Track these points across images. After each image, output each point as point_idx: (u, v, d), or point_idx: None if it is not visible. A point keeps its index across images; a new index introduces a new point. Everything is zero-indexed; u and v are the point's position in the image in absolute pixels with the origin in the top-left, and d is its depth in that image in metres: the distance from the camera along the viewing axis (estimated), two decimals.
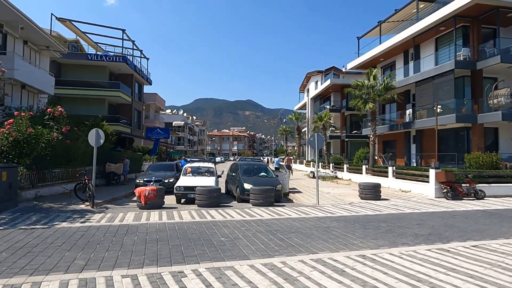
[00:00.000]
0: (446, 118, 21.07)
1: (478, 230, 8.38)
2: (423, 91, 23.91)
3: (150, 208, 11.01)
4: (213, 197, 11.84)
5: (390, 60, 29.86)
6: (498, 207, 12.37)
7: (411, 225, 8.87)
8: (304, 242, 6.94)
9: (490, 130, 21.76)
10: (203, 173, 14.57)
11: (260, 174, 14.89)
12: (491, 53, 20.54)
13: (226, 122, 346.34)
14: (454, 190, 14.19)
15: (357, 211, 11.15)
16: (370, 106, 24.47)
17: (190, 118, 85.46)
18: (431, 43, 24.68)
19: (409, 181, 17.10)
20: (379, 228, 8.39)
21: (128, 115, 34.21)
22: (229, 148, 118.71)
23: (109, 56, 30.41)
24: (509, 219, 9.94)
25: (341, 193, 16.44)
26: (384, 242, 7.00)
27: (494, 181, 15.92)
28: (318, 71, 46.83)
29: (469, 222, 9.41)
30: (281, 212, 10.64)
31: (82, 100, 30.69)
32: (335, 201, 13.73)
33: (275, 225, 8.68)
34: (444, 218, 9.92)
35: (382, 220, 9.46)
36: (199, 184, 12.86)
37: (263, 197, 12.13)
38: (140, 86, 37.43)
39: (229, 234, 7.52)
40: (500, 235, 7.80)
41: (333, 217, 9.99)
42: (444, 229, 8.42)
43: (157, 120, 46.09)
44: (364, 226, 8.60)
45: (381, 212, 10.99)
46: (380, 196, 14.14)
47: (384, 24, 29.14)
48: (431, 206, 12.43)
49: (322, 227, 8.51)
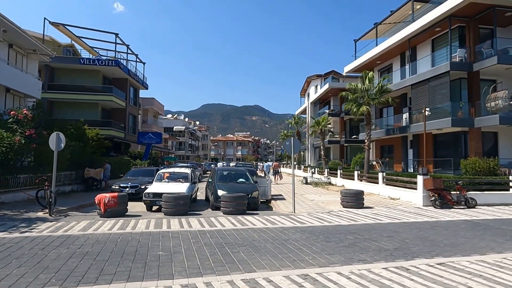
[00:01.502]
0: (442, 122, 20.20)
1: (453, 244, 7.56)
2: (419, 94, 23.04)
3: (110, 216, 10.40)
4: (180, 204, 11.18)
5: (387, 62, 29.05)
6: (488, 217, 11.47)
7: (381, 237, 8.08)
8: (249, 257, 6.23)
9: (489, 135, 20.79)
10: (177, 179, 13.93)
11: (238, 181, 14.20)
12: (488, 54, 19.65)
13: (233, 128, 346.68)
14: (443, 198, 13.30)
15: (331, 220, 10.38)
16: (364, 110, 23.66)
17: (192, 123, 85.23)
18: (428, 44, 23.85)
19: (398, 188, 16.23)
20: (343, 241, 7.62)
21: (122, 120, 33.87)
22: (233, 153, 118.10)
23: (101, 60, 30.16)
24: (494, 231, 9.08)
25: (326, 200, 15.65)
26: (339, 258, 6.25)
27: (487, 188, 14.96)
28: (318, 75, 46.12)
29: (448, 234, 8.58)
30: (247, 222, 9.93)
31: (75, 105, 30.49)
32: (314, 209, 12.95)
33: (231, 236, 7.98)
34: (421, 230, 9.10)
35: (351, 232, 8.69)
36: (168, 190, 12.23)
37: (233, 204, 11.43)
38: (135, 90, 37.14)
39: (171, 248, 6.85)
40: (475, 251, 6.99)
41: (300, 227, 9.24)
42: (415, 242, 7.62)
43: (154, 125, 45.79)
44: (327, 239, 7.85)
45: (356, 222, 10.20)
46: (363, 204, 13.32)
47: (381, 26, 28.41)
48: (415, 215, 11.59)
49: (281, 239, 7.77)
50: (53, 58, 29.58)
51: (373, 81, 24.59)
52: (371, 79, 24.09)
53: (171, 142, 63.40)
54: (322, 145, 37.95)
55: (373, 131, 28.75)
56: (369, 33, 29.90)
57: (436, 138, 23.22)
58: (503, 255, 6.63)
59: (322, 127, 37.35)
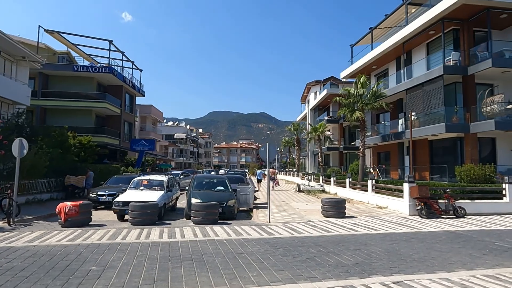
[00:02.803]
0: (436, 127, 19.49)
1: (422, 258, 6.91)
2: (414, 99, 22.37)
3: (71, 226, 9.95)
4: (146, 214, 10.68)
5: (383, 68, 28.48)
6: (474, 227, 10.74)
7: (346, 250, 7.46)
8: (186, 274, 5.67)
9: (486, 141, 19.99)
10: (152, 187, 13.44)
11: (215, 189, 13.67)
12: (483, 57, 18.96)
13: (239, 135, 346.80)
14: (430, 207, 12.58)
15: (303, 231, 9.77)
16: (358, 115, 23.03)
17: (194, 130, 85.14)
18: (423, 48, 23.25)
19: (386, 196, 15.51)
20: (302, 255, 7.03)
21: (117, 127, 33.68)
22: (237, 160, 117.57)
23: (95, 67, 30.08)
24: (475, 243, 8.39)
25: (310, 209, 15.00)
26: (285, 275, 5.66)
27: (479, 196, 14.17)
28: (317, 81, 45.63)
29: (421, 247, 7.92)
30: (212, 233, 9.37)
31: (69, 112, 30.39)
32: (292, 219, 12.34)
33: (184, 249, 7.44)
34: (395, 242, 8.44)
35: (317, 244, 8.07)
36: (138, 199, 11.76)
37: (204, 214, 10.88)
38: (131, 97, 37.01)
39: (109, 262, 6.33)
40: (443, 267, 6.33)
41: (265, 239, 8.65)
42: (381, 256, 6.99)
43: (153, 132, 45.61)
44: (286, 252, 7.26)
45: (328, 233, 9.57)
46: (344, 214, 12.67)
47: (376, 30, 27.91)
48: (396, 225, 10.90)
49: (236, 252, 7.21)
50: (46, 65, 29.65)
51: (366, 86, 24.02)
52: (364, 84, 23.50)
53: (171, 149, 63.20)
54: (319, 152, 37.29)
55: (370, 137, 28.09)
56: (365, 38, 29.42)
57: (432, 144, 22.45)
58: (472, 272, 5.98)
59: (320, 133, 36.75)
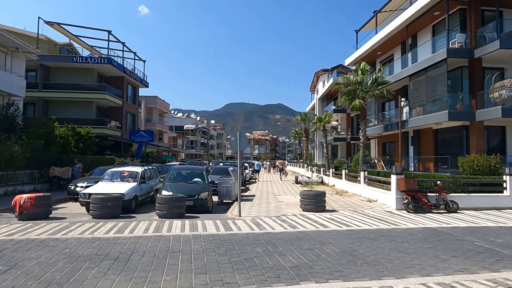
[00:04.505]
0: (439, 115, 18.20)
1: (377, 261, 6.06)
2: (418, 85, 21.00)
3: (26, 219, 9.59)
4: (107, 206, 10.19)
5: (388, 53, 26.98)
6: (462, 224, 9.70)
7: (297, 250, 6.69)
8: (91, 277, 5.09)
9: (495, 129, 18.55)
10: (126, 178, 12.97)
11: (191, 180, 13.07)
12: (491, 39, 17.41)
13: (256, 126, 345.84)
14: (417, 200, 11.57)
15: (267, 227, 9.03)
16: (357, 103, 21.87)
17: (205, 121, 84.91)
18: (428, 31, 21.74)
19: (377, 189, 14.50)
20: (242, 255, 6.31)
21: (119, 118, 33.63)
22: (251, 152, 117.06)
23: (94, 58, 29.94)
24: (451, 243, 7.43)
25: (294, 202, 14.16)
26: (200, 281, 4.97)
27: (476, 190, 12.98)
28: (324, 70, 44.22)
29: (386, 247, 7.05)
30: (166, 228, 8.76)
31: (70, 103, 30.47)
32: (268, 212, 11.62)
33: (119, 246, 6.87)
34: (360, 240, 7.59)
35: (270, 242, 7.34)
36: (106, 191, 11.32)
37: (168, 207, 10.31)
38: (134, 88, 36.85)
39: (22, 260, 5.83)
40: (395, 272, 5.48)
41: (215, 235, 7.98)
42: (330, 258, 6.19)
43: (158, 124, 45.53)
44: (226, 251, 6.57)
45: (294, 229, 8.80)
46: (324, 207, 11.82)
47: (381, 14, 26.43)
48: (375, 221, 9.99)
49: (172, 251, 6.57)
50: (47, 57, 29.78)
51: (367, 73, 22.76)
52: (364, 70, 22.27)
53: (181, 140, 63.24)
54: (324, 143, 36.20)
55: (374, 127, 26.87)
56: (369, 23, 27.96)
57: (437, 134, 21.09)
58: (425, 280, 5.11)
59: (325, 123, 35.61)
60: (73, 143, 25.75)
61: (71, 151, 25.63)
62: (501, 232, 8.68)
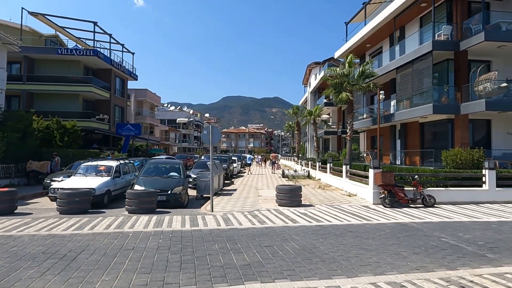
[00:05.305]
0: (424, 108, 18.01)
1: (334, 259, 5.86)
2: (405, 78, 20.78)
3: None
4: (75, 202, 9.95)
5: (377, 46, 26.69)
6: (435, 219, 9.54)
7: (255, 247, 6.48)
8: (24, 277, 4.86)
9: (480, 123, 18.41)
10: (99, 172, 12.69)
11: (167, 175, 12.81)
12: (477, 31, 17.14)
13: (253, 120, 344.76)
14: (394, 195, 11.40)
15: (235, 223, 8.82)
16: (344, 97, 21.60)
17: (199, 115, 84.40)
18: (416, 23, 21.45)
19: (357, 183, 14.33)
20: (196, 253, 6.10)
21: (107, 111, 33.16)
22: (245, 145, 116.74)
23: (79, 50, 29.41)
24: (417, 239, 7.25)
25: (272, 197, 13.93)
26: (140, 281, 4.76)
27: (454, 184, 12.83)
28: (316, 63, 43.83)
29: (348, 243, 6.85)
30: (129, 224, 8.53)
31: (55, 96, 29.91)
32: (242, 207, 11.41)
33: (72, 243, 6.65)
34: (324, 236, 7.39)
35: (230, 239, 7.13)
36: (76, 186, 11.07)
37: (137, 202, 10.08)
38: (123, 81, 36.33)
39: None
40: (349, 271, 5.28)
41: (178, 232, 7.75)
42: (286, 256, 5.98)
43: (149, 117, 45.10)
44: (182, 249, 6.35)
45: (262, 225, 8.59)
46: (299, 202, 11.63)
47: (370, 6, 26.03)
48: (348, 216, 9.81)
49: (125, 248, 6.35)
50: (31, 49, 29.20)
51: (354, 65, 22.48)
52: (351, 63, 21.99)
53: (174, 134, 62.83)
54: (315, 136, 36.03)
55: (362, 120, 26.68)
56: (359, 15, 27.56)
57: (423, 127, 20.92)
58: (376, 279, 4.91)
59: (315, 117, 35.38)
60: (58, 136, 25.37)
61: (56, 145, 25.27)
62: (473, 227, 8.53)
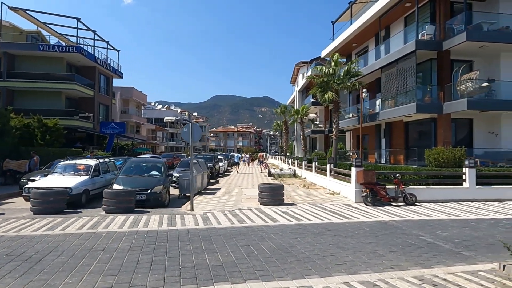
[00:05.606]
0: (408, 107, 18.14)
1: (310, 258, 5.76)
2: (390, 77, 20.91)
3: None
4: (49, 201, 9.64)
5: (363, 45, 26.85)
6: (415, 217, 9.55)
7: (231, 247, 6.35)
8: None
9: (463, 122, 18.64)
10: (77, 171, 12.37)
11: (148, 174, 12.56)
12: (459, 31, 17.33)
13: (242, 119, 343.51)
14: (376, 193, 11.41)
15: (214, 222, 8.67)
16: (329, 95, 21.60)
17: (187, 113, 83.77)
18: (401, 23, 21.63)
19: (340, 181, 14.33)
20: (169, 253, 5.94)
21: (91, 110, 32.54)
22: (234, 144, 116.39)
23: (61, 47, 28.75)
24: (395, 237, 7.22)
25: (255, 195, 13.80)
26: (102, 285, 4.59)
27: (435, 182, 12.93)
28: (304, 62, 43.90)
29: (326, 242, 6.77)
30: (104, 224, 8.30)
31: (37, 93, 29.24)
32: (224, 206, 11.26)
33: (38, 245, 6.41)
34: (302, 235, 7.30)
35: (206, 239, 6.98)
36: (51, 185, 10.75)
37: (114, 202, 9.83)
38: (107, 79, 35.71)
39: None
40: (323, 270, 5.19)
41: (153, 232, 7.57)
42: (262, 255, 5.86)
43: (135, 115, 44.49)
44: (155, 249, 6.18)
45: (241, 224, 8.46)
46: (282, 201, 11.55)
47: (356, 5, 26.11)
48: (330, 215, 9.75)
49: (95, 249, 6.14)
50: (11, 45, 28.48)
51: (340, 64, 22.52)
52: (337, 62, 22.00)
53: (161, 133, 62.15)
54: (302, 135, 36.07)
55: (348, 119, 26.80)
56: (345, 14, 27.64)
57: (408, 126, 21.10)
58: (350, 278, 4.83)
59: (302, 116, 35.42)
60: (39, 135, 24.79)
61: (37, 143, 24.66)
62: (451, 225, 8.56)
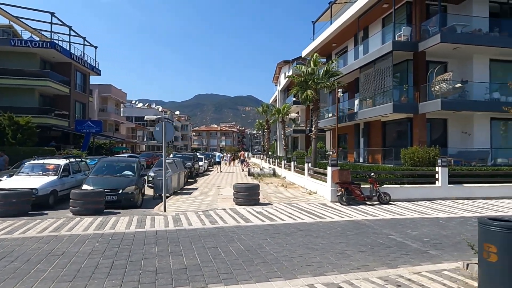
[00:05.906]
0: (384, 107, 18.38)
1: (277, 259, 5.66)
2: (368, 77, 21.14)
3: None
4: (12, 203, 9.19)
5: (343, 45, 27.08)
6: (387, 216, 9.63)
7: (198, 249, 6.18)
8: None
9: (437, 122, 19.02)
10: (46, 171, 11.90)
11: (120, 173, 12.20)
12: (434, 32, 17.65)
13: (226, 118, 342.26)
14: (351, 192, 11.45)
15: (184, 224, 8.47)
16: (308, 94, 21.62)
17: (168, 112, 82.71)
18: (379, 24, 21.87)
19: (317, 181, 14.35)
20: (132, 256, 5.72)
21: (66, 107, 31.57)
22: (217, 143, 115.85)
23: (35, 42, 27.77)
24: (365, 236, 7.21)
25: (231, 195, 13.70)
26: None
27: (409, 181, 13.12)
28: (285, 61, 43.98)
29: (296, 243, 6.69)
30: (68, 227, 7.98)
31: (9, 90, 28.14)
32: (198, 207, 11.06)
33: None
34: (273, 236, 7.20)
35: (174, 241, 6.79)
36: (17, 186, 10.29)
37: (81, 203, 9.47)
38: (84, 76, 34.75)
39: None
40: (289, 272, 5.09)
41: (119, 234, 7.31)
42: (228, 258, 5.72)
43: (114, 114, 43.51)
44: (118, 253, 5.95)
45: (212, 225, 8.30)
46: (257, 201, 11.44)
47: (336, 5, 26.27)
48: (304, 214, 9.70)
49: (54, 254, 5.86)
50: None
51: (319, 64, 22.60)
52: (316, 61, 22.03)
53: (142, 132, 61.09)
54: (283, 134, 36.12)
55: (329, 118, 27.00)
56: (325, 14, 27.79)
57: (385, 126, 21.38)
58: (314, 280, 4.75)
59: (283, 115, 35.45)
60: (10, 133, 23.89)
61: (8, 142, 23.74)
62: (421, 223, 8.65)
